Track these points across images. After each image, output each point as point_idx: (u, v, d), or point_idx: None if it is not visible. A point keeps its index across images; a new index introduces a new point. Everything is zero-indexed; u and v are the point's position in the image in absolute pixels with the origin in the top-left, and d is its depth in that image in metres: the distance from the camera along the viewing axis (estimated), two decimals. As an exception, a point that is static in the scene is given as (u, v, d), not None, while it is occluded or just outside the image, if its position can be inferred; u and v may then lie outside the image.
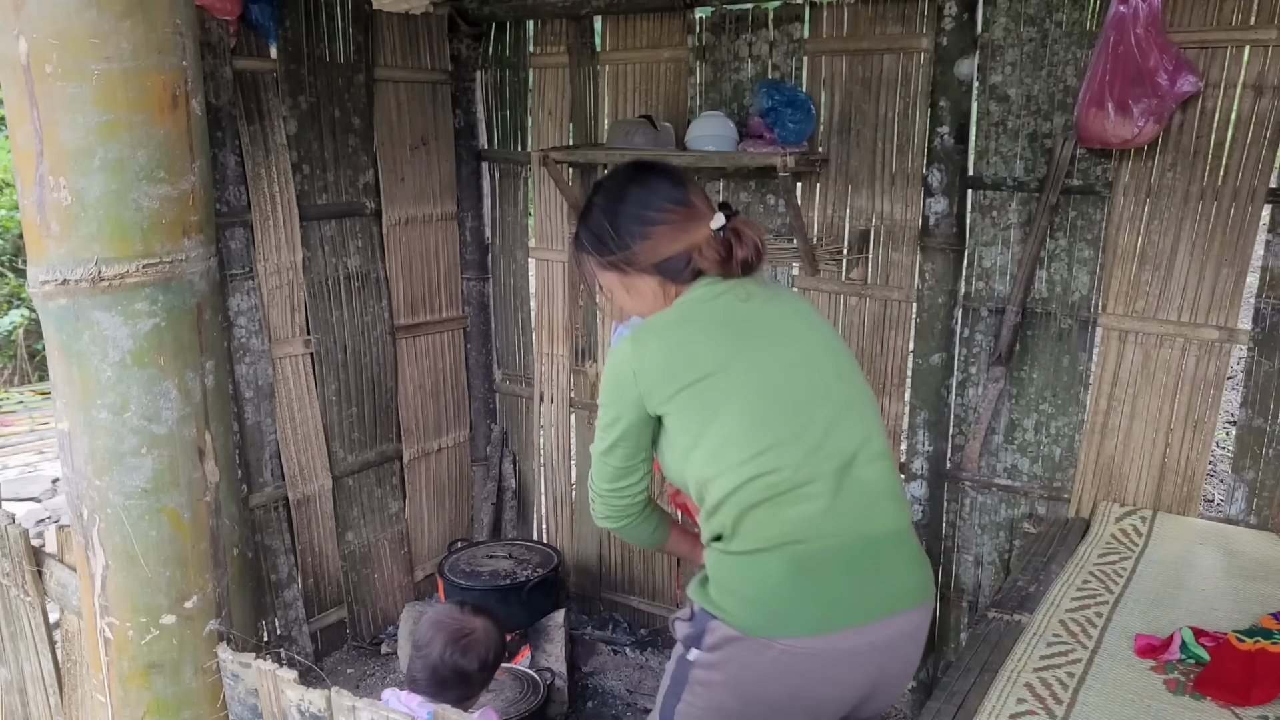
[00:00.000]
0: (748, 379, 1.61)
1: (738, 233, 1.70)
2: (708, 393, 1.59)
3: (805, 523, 1.55)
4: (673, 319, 1.68)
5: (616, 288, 1.78)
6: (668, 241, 1.68)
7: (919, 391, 2.78)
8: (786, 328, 1.72)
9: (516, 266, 3.57)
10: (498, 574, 3.17)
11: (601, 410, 1.71)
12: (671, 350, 1.63)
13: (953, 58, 2.54)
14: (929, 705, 1.79)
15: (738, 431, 1.57)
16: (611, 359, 1.68)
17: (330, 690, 1.18)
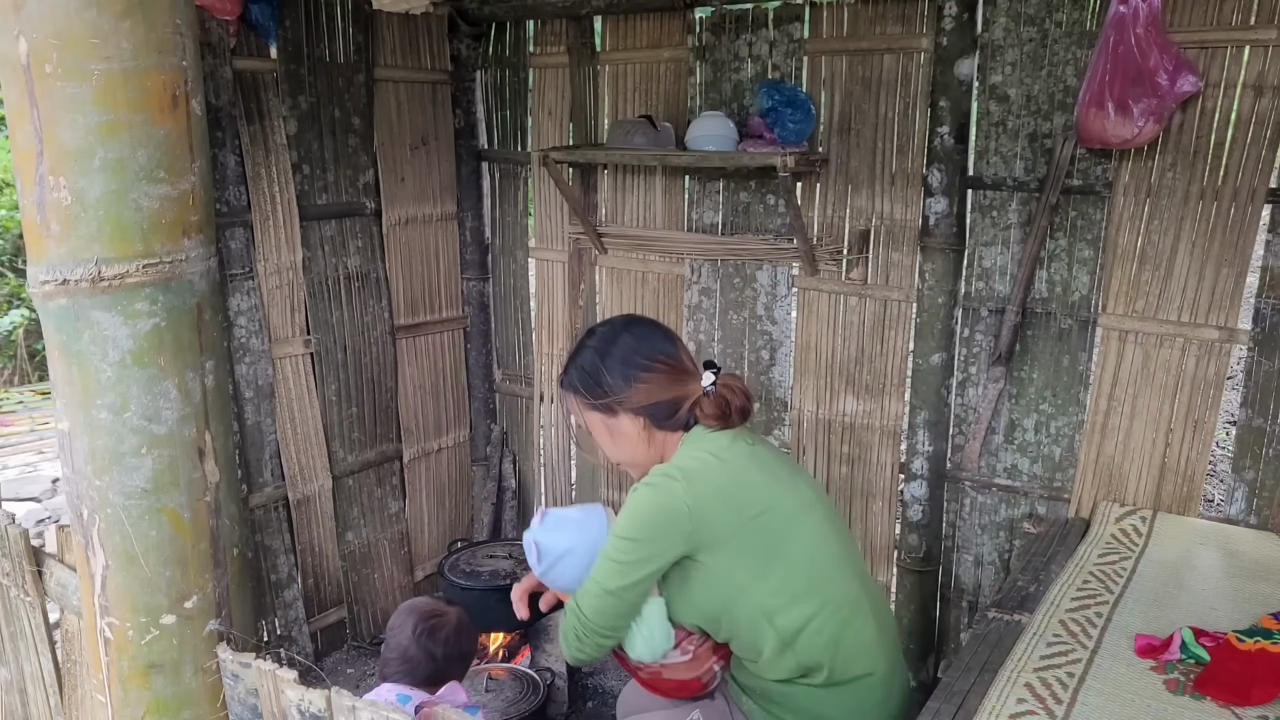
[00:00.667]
0: (799, 514, 1.76)
1: (728, 387, 1.79)
2: (770, 526, 1.71)
3: (875, 649, 1.78)
4: (712, 460, 1.73)
5: (599, 429, 1.85)
6: (659, 388, 1.77)
7: (919, 391, 2.78)
8: (789, 468, 1.88)
9: (516, 266, 3.57)
10: (498, 574, 3.17)
11: (628, 546, 1.70)
12: (729, 487, 1.71)
13: (953, 58, 2.54)
14: (929, 705, 1.79)
15: (804, 562, 1.73)
16: (652, 497, 1.69)
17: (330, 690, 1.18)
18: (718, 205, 3.03)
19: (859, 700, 1.76)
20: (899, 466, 2.91)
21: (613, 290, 3.33)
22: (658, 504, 1.69)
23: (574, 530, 1.83)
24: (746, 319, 3.07)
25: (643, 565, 1.69)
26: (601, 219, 3.29)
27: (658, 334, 1.84)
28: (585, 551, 1.80)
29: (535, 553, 1.84)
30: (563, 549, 1.81)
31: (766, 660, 1.74)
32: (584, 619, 1.75)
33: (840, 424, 2.97)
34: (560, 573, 1.83)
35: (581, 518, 1.86)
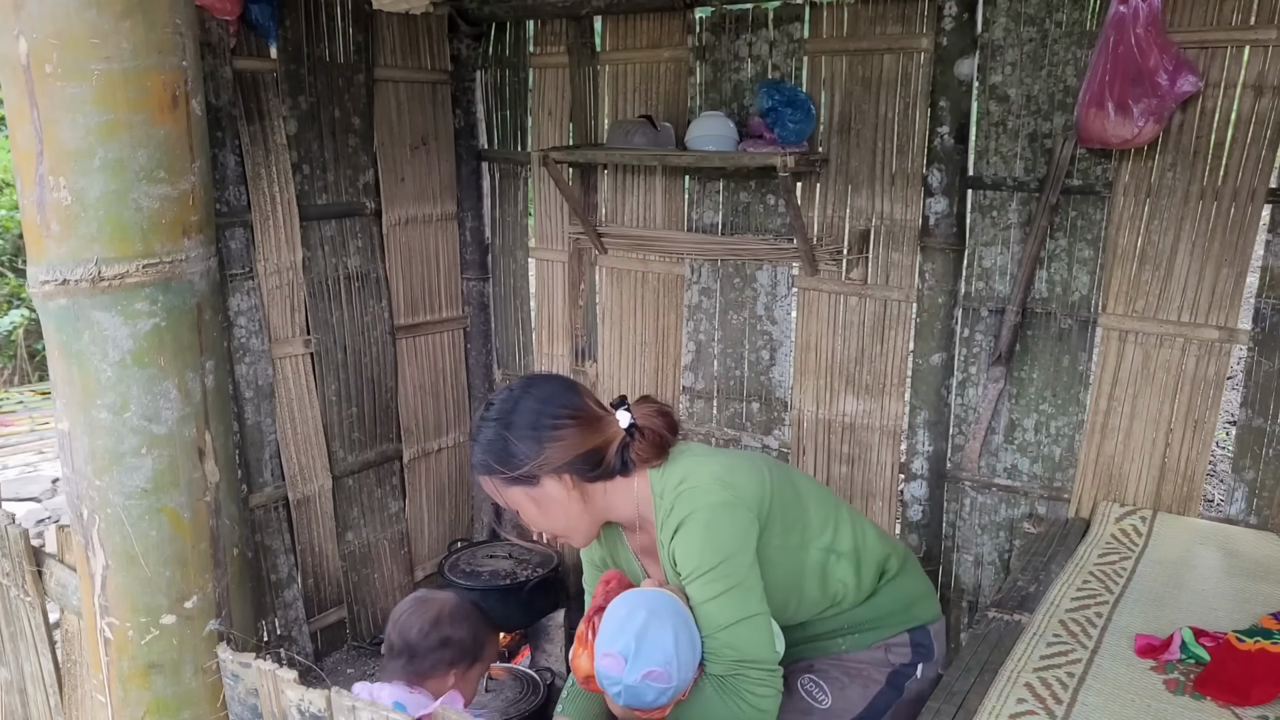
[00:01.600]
0: (779, 462, 1.93)
1: (648, 416, 1.71)
2: (781, 482, 1.74)
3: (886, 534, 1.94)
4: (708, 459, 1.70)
5: (525, 504, 1.71)
6: (576, 442, 1.65)
7: (919, 391, 2.78)
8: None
9: (516, 266, 3.57)
10: (498, 574, 3.17)
11: (730, 566, 1.56)
12: (739, 467, 1.69)
13: (953, 58, 2.54)
14: (929, 705, 1.79)
15: (815, 491, 1.83)
16: (710, 512, 1.58)
17: (330, 690, 1.18)
18: (718, 205, 3.03)
19: (914, 565, 1.93)
20: (899, 466, 2.91)
21: (613, 290, 3.33)
22: (721, 515, 1.59)
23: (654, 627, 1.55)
24: (746, 319, 3.07)
25: (754, 573, 1.59)
26: (601, 219, 3.29)
27: (558, 387, 1.72)
28: (682, 627, 1.57)
29: (657, 686, 1.53)
30: (670, 648, 1.54)
31: (853, 589, 1.77)
32: (758, 662, 1.57)
33: (840, 424, 2.97)
34: (688, 669, 1.56)
35: (642, 610, 1.58)
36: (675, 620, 1.56)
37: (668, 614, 1.56)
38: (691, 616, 1.58)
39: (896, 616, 1.84)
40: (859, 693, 1.79)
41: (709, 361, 3.17)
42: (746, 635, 1.56)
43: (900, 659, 1.84)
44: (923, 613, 1.88)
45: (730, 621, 1.56)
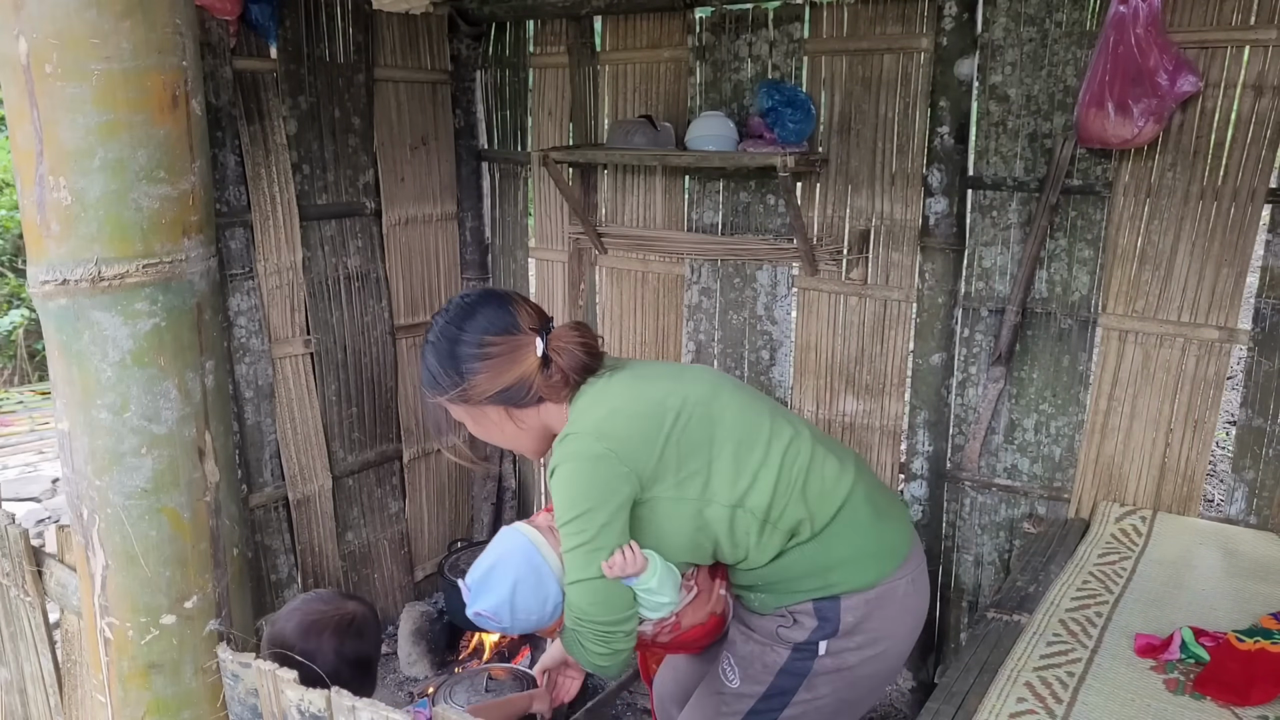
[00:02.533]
0: (711, 398, 1.70)
1: (556, 350, 1.69)
2: (693, 424, 1.65)
3: (842, 478, 1.70)
4: (605, 402, 1.67)
5: (465, 418, 1.78)
6: (497, 375, 1.68)
7: (919, 391, 2.78)
8: (676, 366, 1.88)
9: (516, 266, 3.57)
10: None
11: (582, 522, 1.58)
12: (636, 414, 1.64)
13: (953, 58, 2.54)
14: (929, 705, 1.79)
15: (741, 435, 1.67)
16: (575, 465, 1.60)
17: (330, 690, 1.18)
18: (718, 205, 3.03)
19: (854, 528, 1.69)
20: (899, 466, 2.91)
21: (613, 290, 3.33)
22: (583, 468, 1.60)
23: (497, 570, 1.69)
24: (746, 319, 3.07)
25: (606, 532, 1.59)
26: (601, 219, 3.29)
27: (485, 315, 1.71)
28: (526, 575, 1.67)
29: (493, 623, 1.70)
30: (505, 594, 1.67)
31: (755, 548, 1.67)
32: (596, 621, 1.63)
33: (840, 424, 2.97)
34: (527, 613, 1.69)
35: (495, 553, 1.72)
36: (521, 569, 1.66)
37: (514, 563, 1.66)
38: (545, 570, 1.66)
39: (805, 582, 1.68)
40: (762, 668, 1.73)
41: (709, 361, 3.17)
42: (582, 595, 1.62)
43: (801, 632, 1.69)
44: (840, 580, 1.66)
45: (572, 580, 1.62)
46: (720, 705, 1.77)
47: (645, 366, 1.80)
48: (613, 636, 1.64)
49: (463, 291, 1.83)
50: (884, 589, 1.68)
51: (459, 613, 3.12)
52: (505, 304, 1.73)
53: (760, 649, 1.73)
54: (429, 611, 3.31)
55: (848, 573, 1.67)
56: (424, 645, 3.25)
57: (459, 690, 2.96)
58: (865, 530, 1.69)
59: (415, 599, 3.57)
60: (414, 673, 3.25)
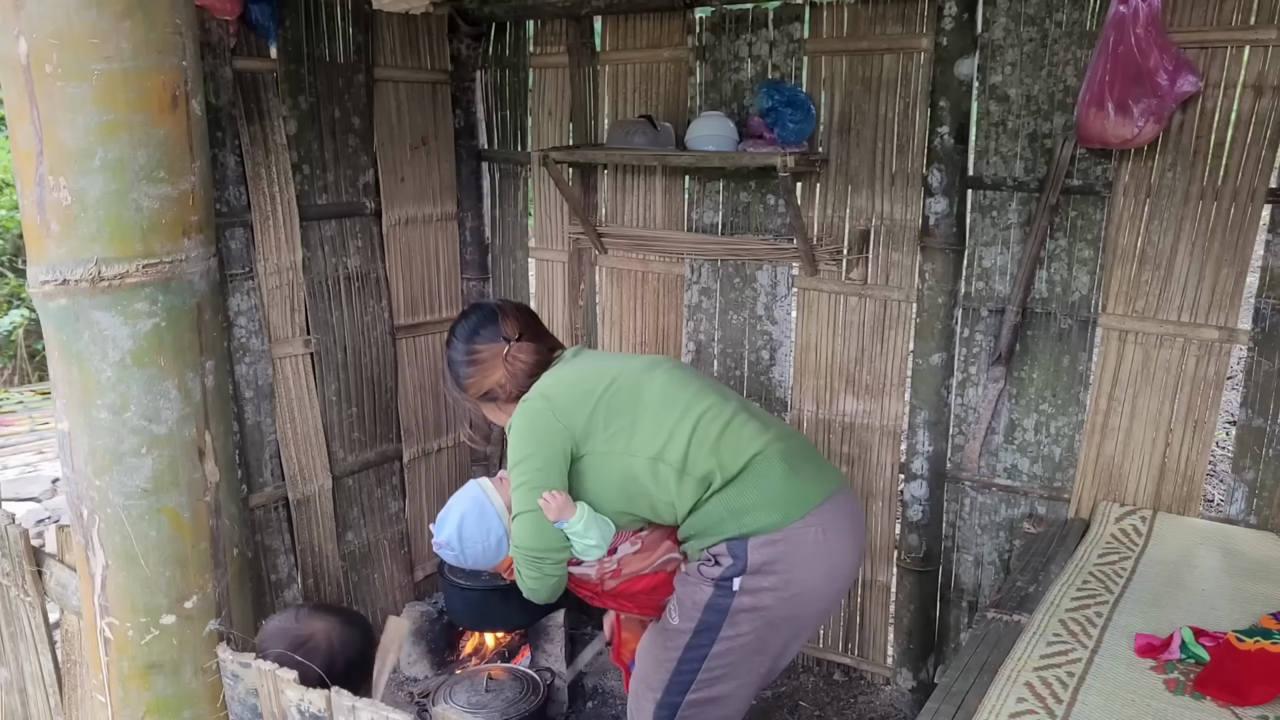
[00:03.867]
0: (645, 371, 2.04)
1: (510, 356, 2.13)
2: (622, 390, 1.98)
3: (758, 437, 1.95)
4: (554, 373, 2.08)
5: (474, 406, 2.24)
6: (483, 379, 2.13)
7: (919, 391, 2.78)
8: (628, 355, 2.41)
9: (516, 266, 3.57)
10: (498, 574, 3.16)
11: (525, 464, 1.95)
12: (575, 381, 2.02)
13: (953, 58, 2.54)
14: (929, 705, 1.79)
15: (665, 399, 1.97)
16: (521, 419, 1.99)
17: (330, 690, 1.18)
18: (718, 205, 3.03)
19: (763, 478, 1.91)
20: (899, 466, 2.91)
21: (613, 290, 3.33)
22: (527, 421, 1.97)
23: (451, 509, 2.11)
24: (746, 319, 3.07)
25: (546, 473, 1.93)
26: (601, 219, 3.29)
27: (473, 327, 2.16)
28: (471, 510, 2.08)
29: (450, 555, 2.12)
30: (454, 526, 2.08)
31: (677, 498, 1.93)
32: (528, 548, 1.96)
33: (840, 424, 2.97)
34: (472, 542, 2.07)
35: (453, 498, 2.16)
36: (467, 506, 2.07)
37: (463, 501, 2.08)
38: (488, 508, 2.06)
39: (723, 525, 1.91)
40: (692, 604, 1.97)
41: (709, 361, 3.17)
42: (520, 526, 1.96)
43: (718, 570, 1.92)
44: (751, 524, 1.89)
45: (516, 512, 1.97)
46: (665, 640, 2.04)
47: (596, 355, 2.22)
48: (541, 563, 1.97)
49: (469, 306, 2.34)
50: (790, 532, 1.89)
51: (457, 611, 3.13)
52: (493, 315, 2.16)
53: (692, 588, 1.98)
54: (429, 611, 3.31)
55: (755, 517, 1.89)
56: (424, 645, 3.25)
57: (459, 690, 2.96)
58: (775, 481, 1.92)
59: (415, 599, 3.57)
60: (414, 673, 3.25)
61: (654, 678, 2.05)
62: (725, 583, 1.91)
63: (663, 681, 2.02)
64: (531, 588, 2.00)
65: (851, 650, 3.15)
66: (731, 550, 1.90)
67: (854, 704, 3.06)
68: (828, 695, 3.11)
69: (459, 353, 2.16)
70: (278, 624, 1.81)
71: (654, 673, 2.05)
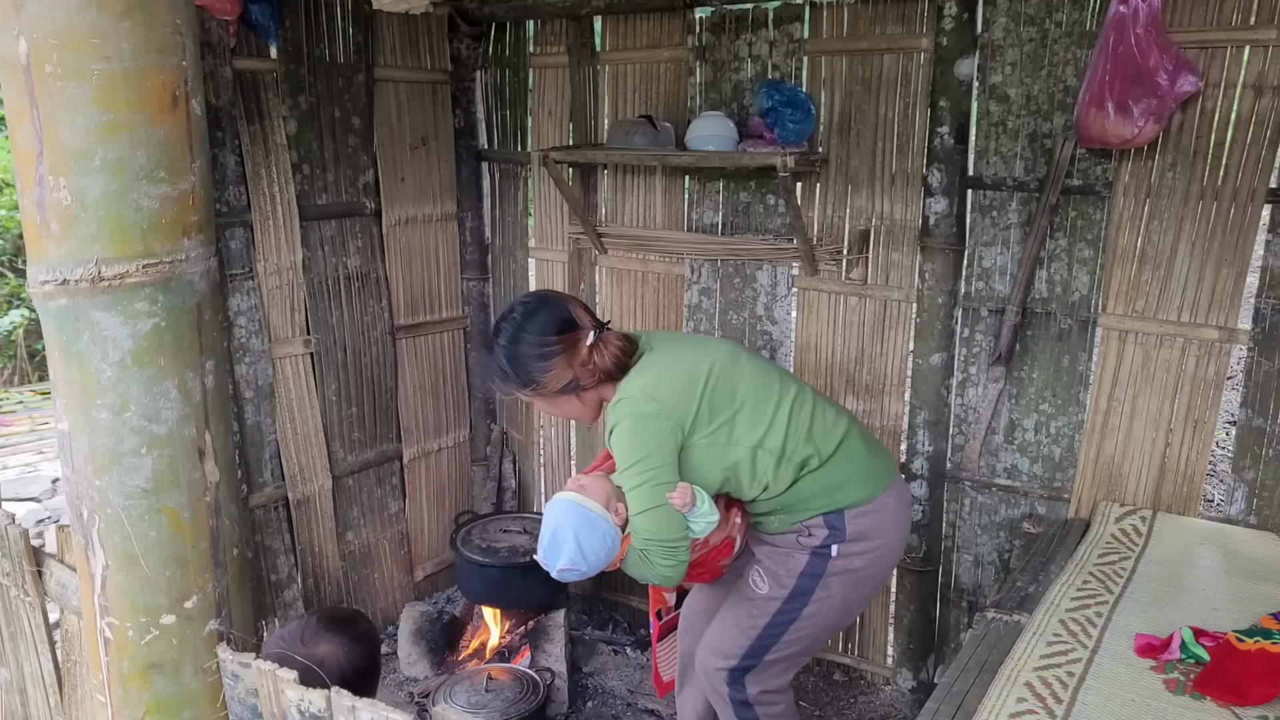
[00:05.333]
0: (731, 362, 2.10)
1: (598, 348, 2.08)
2: (720, 384, 2.06)
3: (839, 421, 2.15)
4: (650, 371, 2.07)
5: (538, 401, 2.19)
6: (564, 370, 2.08)
7: (919, 391, 2.78)
8: (698, 338, 2.33)
9: (516, 266, 3.57)
10: (516, 550, 3.15)
11: (642, 465, 1.99)
12: (676, 378, 2.05)
13: (953, 58, 2.54)
14: (929, 705, 1.79)
15: (758, 392, 2.08)
16: (631, 422, 2.01)
17: (330, 690, 1.18)
18: (718, 205, 3.03)
19: (851, 458, 2.11)
20: (899, 466, 2.91)
21: (613, 290, 3.33)
22: (637, 424, 2.00)
23: (559, 533, 2.01)
24: (746, 319, 3.07)
25: (661, 471, 1.99)
26: (601, 219, 3.29)
27: (548, 317, 2.08)
28: (581, 526, 2.00)
29: (576, 575, 2.05)
30: (573, 546, 1.99)
31: (773, 480, 2.06)
32: (663, 539, 1.99)
33: (840, 424, 2.96)
34: (594, 553, 2.01)
35: (550, 522, 2.04)
36: (575, 524, 2.00)
37: (569, 521, 2.01)
38: (594, 516, 2.01)
39: (815, 501, 2.08)
40: (786, 573, 2.12)
41: (709, 361, 3.17)
42: (653, 520, 1.99)
43: (816, 540, 2.09)
44: (844, 497, 2.08)
45: (642, 509, 1.99)
46: (751, 609, 2.17)
47: (673, 341, 2.21)
48: (676, 550, 2.02)
49: (523, 298, 2.19)
50: (878, 503, 2.11)
51: (472, 589, 3.17)
52: (563, 305, 2.12)
53: (784, 558, 2.13)
54: (429, 611, 3.30)
55: (848, 491, 2.08)
56: (424, 645, 3.25)
57: (459, 690, 2.96)
58: (860, 460, 2.13)
59: (415, 599, 3.57)
60: (414, 673, 3.25)
61: (731, 645, 2.19)
62: (823, 550, 2.09)
63: (741, 648, 2.17)
64: (668, 574, 2.04)
65: (851, 650, 3.15)
66: (828, 522, 2.08)
67: (854, 704, 3.06)
68: (828, 695, 3.11)
69: (531, 346, 2.08)
70: (282, 643, 1.76)
71: (732, 640, 2.19)
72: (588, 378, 2.09)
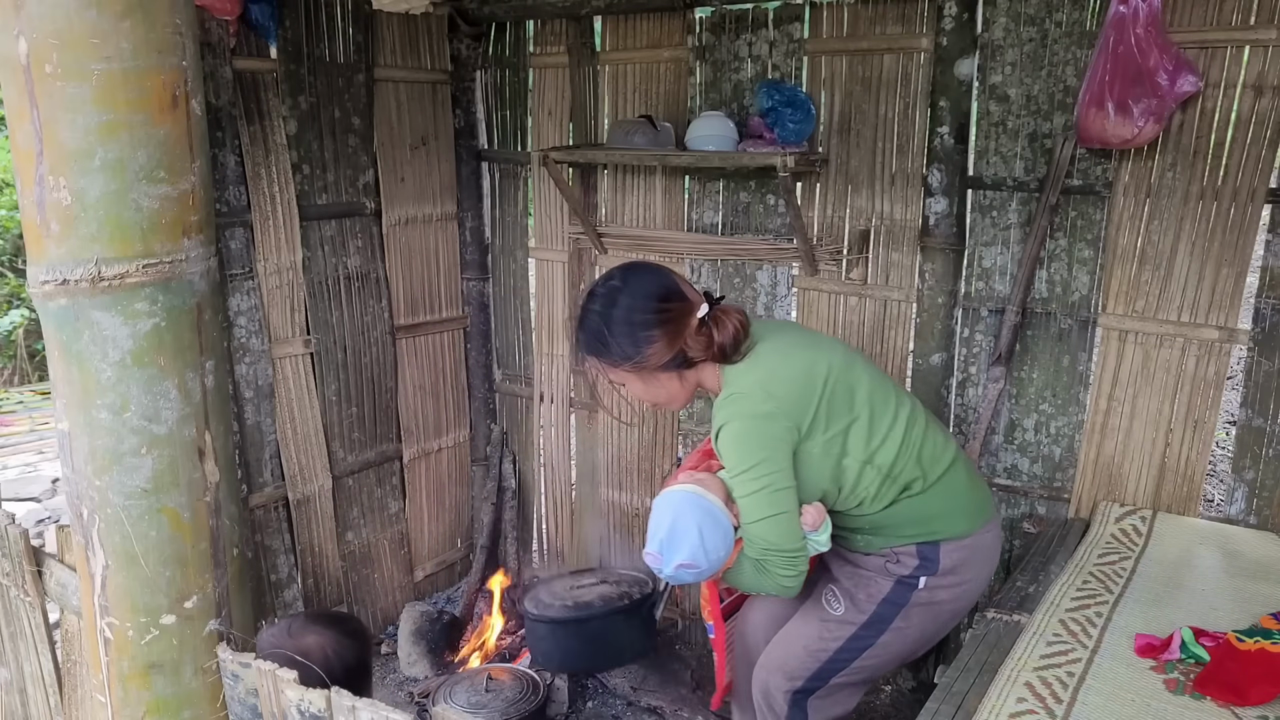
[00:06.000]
0: (848, 366, 1.95)
1: (718, 320, 1.90)
2: (838, 390, 1.90)
3: (947, 447, 2.02)
4: (765, 365, 1.89)
5: (631, 380, 1.97)
6: (669, 343, 1.88)
7: (919, 391, 2.78)
8: (811, 334, 2.09)
9: (516, 266, 3.57)
10: (609, 598, 2.88)
11: (757, 470, 1.82)
12: (794, 377, 1.88)
13: (953, 58, 2.54)
14: (929, 705, 1.79)
15: (874, 402, 1.94)
16: (746, 422, 1.83)
17: (330, 690, 1.18)
18: (718, 205, 3.03)
19: (953, 487, 1.99)
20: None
21: (613, 290, 3.32)
22: (754, 424, 1.83)
23: (679, 525, 1.84)
24: (746, 319, 3.07)
25: (779, 476, 1.83)
26: (601, 219, 3.29)
27: (652, 285, 1.90)
28: (704, 518, 1.84)
29: (693, 574, 1.88)
30: (695, 540, 1.83)
31: (871, 498, 1.94)
32: (787, 549, 1.84)
33: (840, 424, 2.96)
34: (715, 549, 1.86)
35: (668, 514, 1.87)
36: (699, 517, 1.83)
37: (692, 514, 1.83)
38: (716, 510, 1.84)
39: (910, 528, 1.96)
40: (866, 598, 2.01)
41: (709, 361, 3.17)
42: (773, 529, 1.83)
43: (904, 569, 1.97)
44: (941, 529, 1.96)
45: (760, 517, 1.83)
46: (823, 630, 2.05)
47: (783, 333, 2.02)
48: (797, 559, 1.87)
49: (621, 266, 1.97)
50: (975, 539, 1.99)
51: (547, 655, 2.83)
52: (667, 272, 1.94)
53: (867, 582, 2.01)
54: (429, 611, 3.31)
55: (947, 523, 1.96)
56: (424, 645, 3.25)
57: (459, 690, 2.96)
58: (963, 490, 2.01)
59: (415, 599, 3.57)
60: (414, 673, 3.25)
61: (798, 666, 2.07)
62: (911, 579, 1.97)
63: (808, 670, 2.06)
64: (789, 585, 1.89)
65: (851, 650, 3.15)
66: (921, 553, 1.96)
67: (854, 704, 3.06)
68: (828, 695, 3.11)
69: (635, 311, 1.86)
70: (270, 639, 1.75)
71: (799, 661, 2.07)
72: (700, 350, 1.88)
